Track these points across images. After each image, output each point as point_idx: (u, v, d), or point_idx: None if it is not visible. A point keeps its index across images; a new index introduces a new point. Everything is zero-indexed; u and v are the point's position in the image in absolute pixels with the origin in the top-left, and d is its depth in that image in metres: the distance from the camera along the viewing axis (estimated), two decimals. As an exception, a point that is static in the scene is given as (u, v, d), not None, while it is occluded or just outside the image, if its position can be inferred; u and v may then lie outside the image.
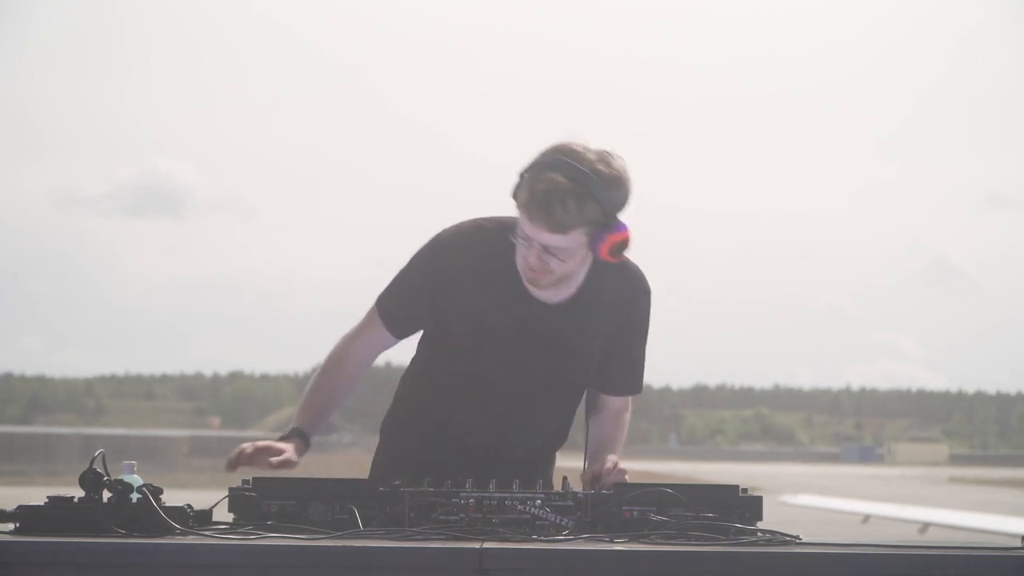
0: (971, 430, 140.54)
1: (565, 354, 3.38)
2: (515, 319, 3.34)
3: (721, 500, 2.84)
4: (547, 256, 3.21)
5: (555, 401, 3.44)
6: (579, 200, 3.14)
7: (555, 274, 3.25)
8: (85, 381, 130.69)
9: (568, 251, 3.21)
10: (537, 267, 3.23)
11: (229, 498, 2.88)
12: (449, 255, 3.36)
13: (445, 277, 3.36)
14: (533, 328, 3.35)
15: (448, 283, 3.35)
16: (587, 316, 3.37)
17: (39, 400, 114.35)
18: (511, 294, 3.33)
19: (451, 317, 3.37)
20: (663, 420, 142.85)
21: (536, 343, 3.36)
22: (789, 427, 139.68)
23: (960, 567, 2.54)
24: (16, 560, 2.52)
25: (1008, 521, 16.88)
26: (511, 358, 3.36)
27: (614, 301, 3.39)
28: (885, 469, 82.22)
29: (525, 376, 3.37)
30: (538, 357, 3.36)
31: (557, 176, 3.14)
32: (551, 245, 3.19)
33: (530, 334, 3.35)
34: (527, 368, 3.37)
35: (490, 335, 3.35)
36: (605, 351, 3.42)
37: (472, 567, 2.51)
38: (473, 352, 3.37)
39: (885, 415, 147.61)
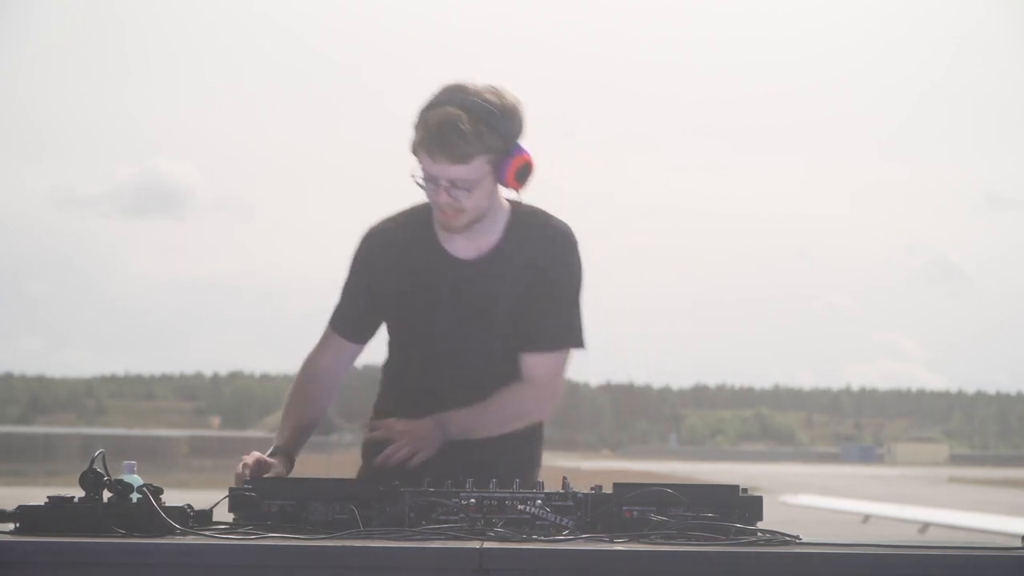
0: (971, 430, 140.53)
1: (490, 309, 3.39)
2: (440, 284, 3.39)
3: (721, 500, 2.84)
4: (456, 192, 3.25)
5: (486, 357, 3.42)
6: (475, 126, 3.20)
7: (467, 212, 3.29)
8: (85, 381, 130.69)
9: (474, 182, 3.24)
10: (448, 206, 3.27)
11: (229, 498, 2.88)
12: (371, 248, 3.46)
13: (374, 269, 3.45)
14: (459, 288, 3.39)
15: (378, 273, 3.44)
16: (506, 269, 3.38)
17: (39, 400, 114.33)
18: (432, 261, 3.39)
19: (389, 301, 3.44)
20: (663, 420, 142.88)
21: (463, 302, 3.39)
22: (789, 427, 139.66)
23: (960, 567, 2.54)
24: (16, 560, 2.52)
25: (1008, 521, 16.89)
26: (447, 322, 3.40)
27: (534, 255, 3.38)
28: (885, 469, 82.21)
29: (463, 338, 3.40)
30: (468, 316, 3.39)
31: (450, 108, 3.21)
32: (457, 178, 3.23)
33: (457, 295, 3.39)
34: (463, 329, 3.40)
35: (423, 306, 3.41)
36: (524, 306, 3.39)
37: (472, 567, 2.51)
38: (414, 326, 3.43)
39: (885, 415, 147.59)
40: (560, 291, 3.41)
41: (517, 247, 3.39)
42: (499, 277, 3.38)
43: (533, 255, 3.38)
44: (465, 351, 3.41)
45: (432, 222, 3.41)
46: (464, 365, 3.41)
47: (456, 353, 3.41)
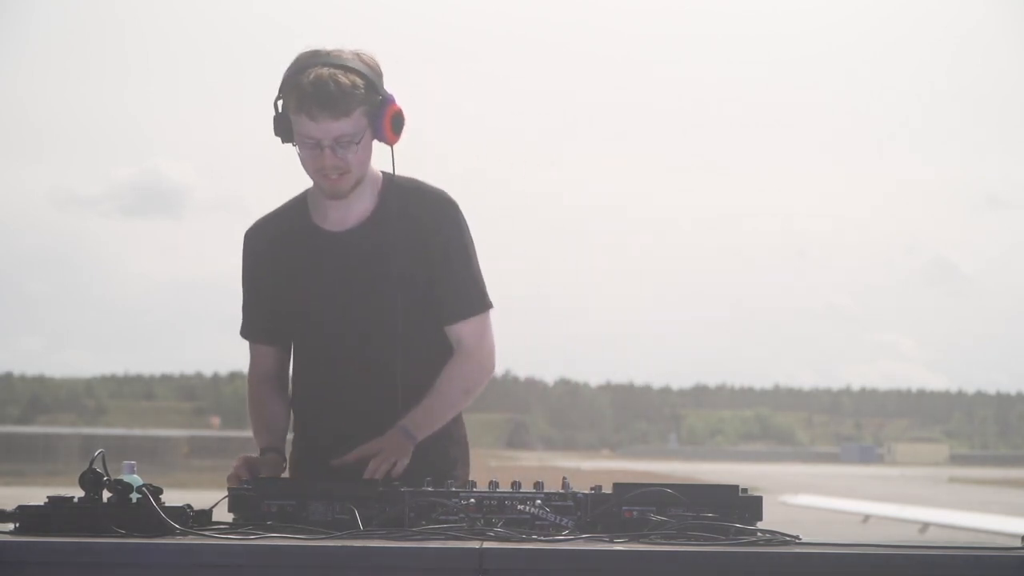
0: (971, 430, 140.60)
1: (379, 280, 3.36)
2: (321, 261, 3.38)
3: (721, 500, 2.84)
4: (340, 151, 3.25)
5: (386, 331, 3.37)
6: (348, 77, 3.22)
7: (352, 172, 3.29)
8: (85, 381, 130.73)
9: (355, 136, 3.24)
10: (333, 168, 3.26)
11: (229, 498, 2.88)
12: (251, 247, 3.47)
13: (257, 266, 3.45)
14: (340, 263, 3.37)
15: (261, 269, 3.44)
16: (386, 235, 3.36)
17: (39, 400, 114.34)
18: (308, 240, 3.39)
19: (278, 294, 3.43)
20: (663, 420, 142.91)
21: (349, 276, 3.37)
22: (789, 427, 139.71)
23: (960, 567, 2.54)
24: (16, 560, 2.52)
25: (1008, 521, 16.90)
26: (334, 300, 3.38)
27: (416, 219, 3.37)
28: (885, 469, 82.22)
29: (351, 314, 3.37)
30: (360, 291, 3.37)
31: (318, 68, 3.22)
32: (341, 134, 3.24)
33: (340, 270, 3.38)
34: (350, 305, 3.37)
35: (310, 289, 3.39)
36: (428, 278, 3.37)
37: (472, 567, 2.51)
38: (306, 312, 3.41)
39: (885, 415, 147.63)
40: (459, 254, 3.40)
41: (394, 213, 3.37)
42: (381, 245, 3.36)
43: (415, 219, 3.37)
44: (364, 327, 3.37)
45: (305, 205, 3.42)
46: (366, 342, 3.37)
47: (356, 331, 3.37)
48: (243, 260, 3.49)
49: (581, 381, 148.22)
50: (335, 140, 3.24)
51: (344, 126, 3.23)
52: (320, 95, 3.19)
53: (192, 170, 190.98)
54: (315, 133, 3.23)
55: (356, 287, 3.37)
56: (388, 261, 3.36)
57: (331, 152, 3.25)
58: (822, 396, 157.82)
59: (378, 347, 3.36)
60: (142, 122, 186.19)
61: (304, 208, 3.43)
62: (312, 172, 3.30)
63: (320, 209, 3.40)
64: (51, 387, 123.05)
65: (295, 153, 3.29)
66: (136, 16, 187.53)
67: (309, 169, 3.30)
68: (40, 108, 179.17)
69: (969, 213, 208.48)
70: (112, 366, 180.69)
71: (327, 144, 3.24)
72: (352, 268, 3.37)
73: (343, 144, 3.24)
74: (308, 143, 3.25)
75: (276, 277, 3.43)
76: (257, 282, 3.46)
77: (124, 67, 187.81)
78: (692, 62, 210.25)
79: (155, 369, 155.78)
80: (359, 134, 3.25)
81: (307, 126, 3.22)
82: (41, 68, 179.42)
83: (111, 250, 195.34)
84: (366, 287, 3.36)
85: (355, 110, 3.22)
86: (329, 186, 3.30)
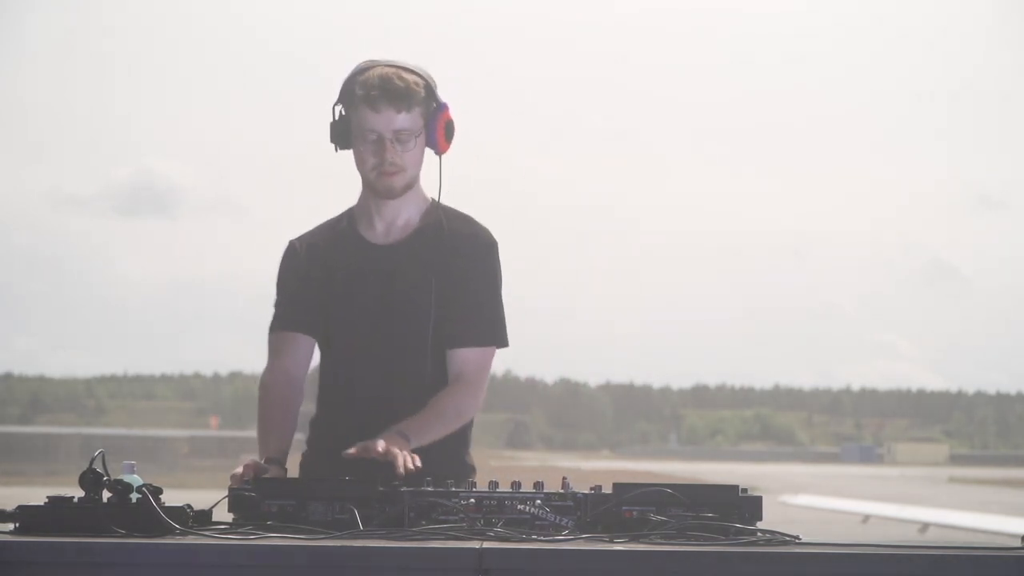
0: (971, 430, 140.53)
1: (416, 294, 3.44)
2: (361, 269, 3.46)
3: (721, 500, 2.84)
4: (398, 145, 3.37)
5: (417, 340, 3.44)
6: (411, 76, 3.38)
7: (407, 171, 3.41)
8: (85, 381, 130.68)
9: (413, 133, 3.37)
10: (391, 162, 3.38)
11: (229, 498, 2.88)
12: (296, 252, 3.54)
13: (303, 267, 3.51)
14: (378, 271, 3.45)
15: (307, 269, 3.50)
16: (428, 254, 3.45)
17: (39, 400, 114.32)
18: (352, 250, 3.48)
19: (322, 292, 3.49)
20: (663, 420, 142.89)
21: (388, 288, 3.45)
22: (789, 427, 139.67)
23: (960, 567, 2.54)
24: (16, 560, 2.52)
25: (1008, 521, 16.91)
26: (370, 308, 3.45)
27: (453, 246, 3.46)
28: (885, 469, 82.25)
29: (385, 323, 3.45)
30: (389, 300, 3.44)
31: (383, 67, 3.39)
32: (401, 128, 3.37)
33: (377, 280, 3.46)
34: (385, 315, 3.45)
35: (349, 295, 3.46)
36: (446, 298, 3.44)
37: (472, 567, 2.51)
38: (343, 317, 3.47)
39: (885, 415, 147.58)
40: (488, 287, 3.49)
41: (437, 233, 3.47)
42: (421, 261, 3.45)
43: (457, 245, 3.46)
44: (396, 334, 3.44)
45: (352, 218, 3.51)
46: (396, 349, 3.44)
47: (387, 336, 3.44)
48: (285, 262, 3.56)
49: (581, 381, 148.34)
50: (395, 134, 3.37)
51: (404, 120, 3.37)
52: (386, 87, 3.35)
53: (187, 170, 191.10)
54: (377, 125, 3.36)
55: (392, 296, 3.45)
56: (425, 276, 3.43)
57: (391, 146, 3.37)
58: (822, 396, 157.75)
59: (397, 357, 3.44)
60: (137, 122, 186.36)
61: (351, 220, 3.53)
62: (368, 169, 3.42)
63: (366, 220, 3.51)
64: (51, 387, 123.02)
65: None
66: (131, 17, 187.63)
67: (366, 166, 3.42)
68: (35, 109, 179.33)
69: (963, 214, 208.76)
70: (112, 366, 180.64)
71: (388, 137, 3.36)
72: (390, 278, 3.45)
73: (402, 140, 3.38)
74: (369, 136, 3.38)
75: (318, 277, 3.50)
76: (300, 279, 3.51)
77: (119, 68, 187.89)
78: (691, 63, 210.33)
79: (155, 369, 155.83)
80: (417, 132, 3.38)
81: (370, 119, 3.36)
82: (36, 69, 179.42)
83: (107, 250, 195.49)
84: (401, 296, 3.44)
85: (416, 107, 3.38)
86: (384, 183, 3.42)
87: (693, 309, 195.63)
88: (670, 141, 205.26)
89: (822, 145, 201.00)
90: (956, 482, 55.14)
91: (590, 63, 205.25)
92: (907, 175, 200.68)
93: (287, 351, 3.51)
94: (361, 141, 3.40)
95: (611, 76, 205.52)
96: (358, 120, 3.38)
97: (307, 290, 3.51)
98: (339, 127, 3.43)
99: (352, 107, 3.40)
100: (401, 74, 3.37)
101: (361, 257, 3.48)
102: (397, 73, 3.37)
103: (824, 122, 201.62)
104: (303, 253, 3.54)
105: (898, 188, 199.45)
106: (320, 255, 3.52)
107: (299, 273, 3.52)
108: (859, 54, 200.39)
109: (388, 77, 3.36)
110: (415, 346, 3.45)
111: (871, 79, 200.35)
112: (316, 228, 3.59)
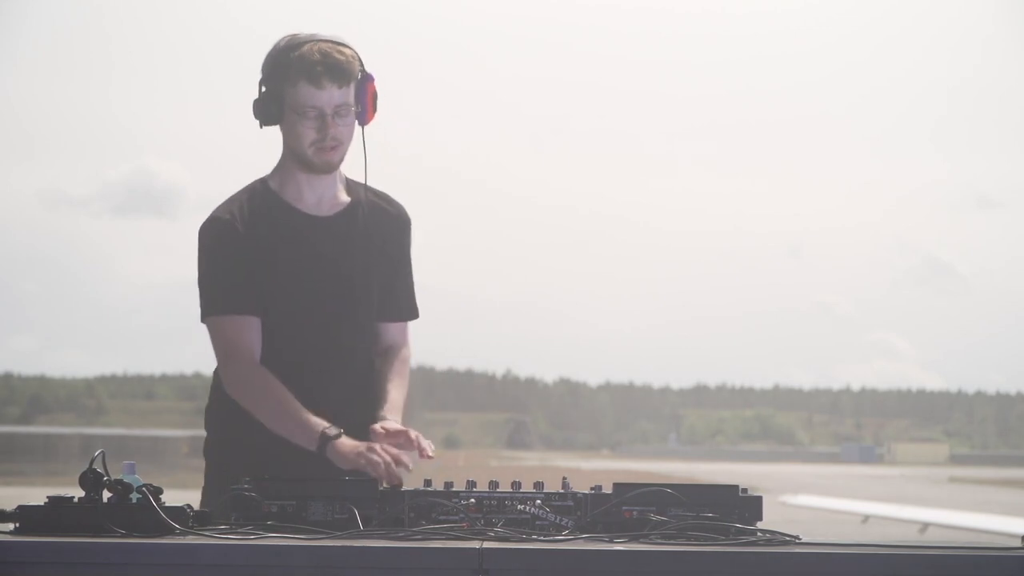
0: (971, 430, 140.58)
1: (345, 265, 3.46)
2: (298, 239, 3.44)
3: (721, 500, 2.84)
4: (338, 120, 3.37)
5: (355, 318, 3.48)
6: (348, 50, 3.38)
7: (343, 144, 3.42)
8: (85, 381, 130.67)
9: (351, 107, 3.38)
10: (333, 137, 3.37)
11: (229, 498, 2.87)
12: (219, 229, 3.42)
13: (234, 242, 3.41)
14: (316, 245, 3.45)
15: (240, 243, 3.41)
16: (359, 229, 3.48)
17: (39, 400, 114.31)
18: (285, 219, 3.44)
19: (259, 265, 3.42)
20: (663, 420, 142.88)
21: (325, 260, 3.45)
22: (789, 427, 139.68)
23: (960, 567, 2.54)
24: (16, 560, 2.52)
25: (1008, 521, 16.89)
26: (308, 280, 3.44)
27: (383, 221, 3.52)
28: (885, 469, 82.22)
29: (323, 296, 3.45)
30: (327, 274, 3.45)
31: (319, 43, 3.37)
32: (342, 103, 3.38)
33: (315, 251, 3.45)
34: (323, 288, 3.45)
35: (287, 265, 3.43)
36: (381, 276, 3.52)
37: (472, 567, 2.50)
38: (281, 287, 3.43)
39: (885, 415, 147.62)
40: (408, 264, 3.61)
41: (366, 210, 3.50)
42: (354, 237, 3.48)
43: (383, 222, 3.52)
44: (335, 311, 3.46)
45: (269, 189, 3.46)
46: (336, 325, 3.46)
47: (326, 313, 3.45)
48: (209, 243, 3.42)
49: (581, 381, 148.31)
50: (335, 110, 3.36)
51: (347, 95, 3.38)
52: (328, 63, 3.34)
53: (183, 170, 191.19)
54: (319, 101, 3.35)
55: (329, 271, 3.45)
56: (360, 253, 3.48)
57: (332, 121, 3.37)
58: (822, 396, 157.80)
59: (346, 331, 3.47)
60: (132, 122, 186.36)
61: (268, 192, 3.47)
62: (307, 144, 3.39)
63: (293, 190, 3.47)
64: (51, 387, 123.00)
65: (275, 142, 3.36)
66: (127, 16, 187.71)
67: (304, 141, 3.39)
68: (30, 109, 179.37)
69: (958, 213, 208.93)
70: (112, 366, 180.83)
71: (329, 113, 3.36)
72: (327, 253, 3.46)
73: (341, 114, 3.38)
74: (310, 113, 3.36)
75: (253, 250, 3.42)
76: (241, 257, 3.41)
77: (114, 67, 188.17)
78: (688, 64, 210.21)
79: (155, 369, 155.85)
80: (352, 106, 3.39)
81: (312, 95, 3.35)
82: (32, 69, 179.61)
83: (104, 250, 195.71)
84: (338, 273, 3.46)
85: (353, 81, 3.39)
86: (324, 158, 3.41)
87: (693, 309, 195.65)
88: (670, 142, 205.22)
89: (821, 145, 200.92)
90: (956, 482, 55.14)
91: (584, 63, 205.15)
92: (907, 175, 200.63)
93: (245, 335, 3.39)
94: (298, 117, 3.37)
95: (605, 75, 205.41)
96: (295, 96, 3.35)
97: (250, 268, 3.41)
98: (267, 103, 3.39)
99: (285, 82, 3.35)
100: (340, 49, 3.36)
101: (295, 226, 3.44)
102: (336, 48, 3.36)
103: (825, 123, 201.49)
104: (238, 228, 3.42)
105: (895, 187, 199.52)
106: (258, 229, 3.43)
107: (240, 250, 3.41)
108: (855, 54, 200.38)
109: (328, 52, 3.34)
110: (364, 323, 3.50)
111: (869, 80, 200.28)
112: (233, 200, 3.46)
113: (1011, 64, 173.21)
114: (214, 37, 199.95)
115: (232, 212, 3.45)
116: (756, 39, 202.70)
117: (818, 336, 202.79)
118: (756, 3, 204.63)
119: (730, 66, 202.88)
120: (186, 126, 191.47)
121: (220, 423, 3.49)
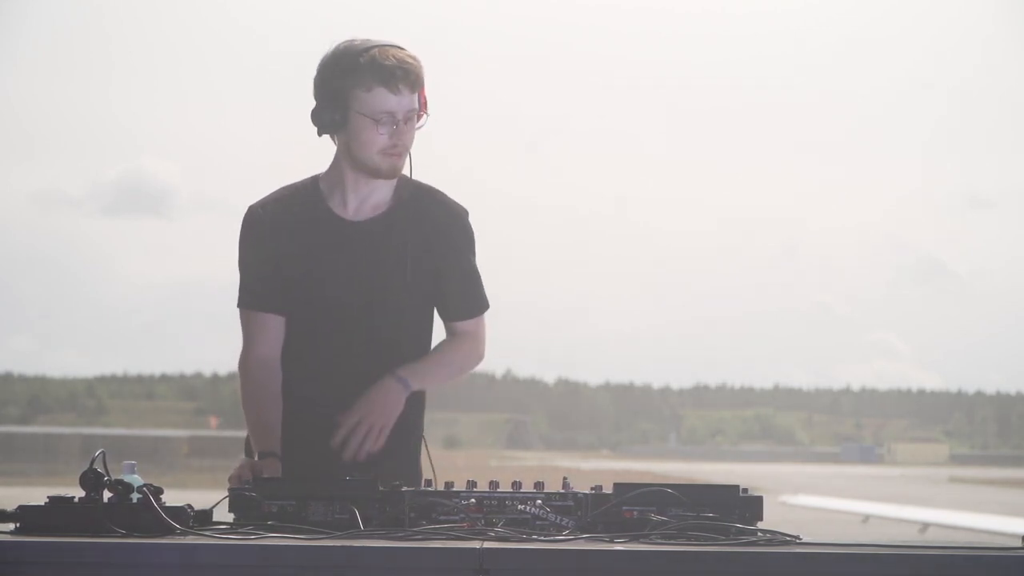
0: (971, 430, 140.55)
1: (385, 270, 3.43)
2: (334, 246, 3.43)
3: (721, 500, 2.83)
4: (407, 126, 3.35)
5: (396, 318, 3.46)
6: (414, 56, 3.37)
7: (408, 149, 3.39)
8: (85, 381, 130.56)
9: (416, 113, 3.36)
10: (403, 144, 3.36)
11: (229, 498, 2.88)
12: (260, 220, 3.46)
13: (270, 239, 3.45)
14: (352, 249, 3.43)
15: (274, 242, 3.44)
16: (399, 231, 3.44)
17: (39, 400, 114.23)
18: (324, 227, 3.44)
19: (291, 268, 3.44)
20: (663, 420, 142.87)
21: (357, 260, 3.43)
22: (789, 427, 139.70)
23: (960, 567, 2.54)
24: (16, 560, 2.52)
25: (1008, 521, 16.92)
26: (342, 278, 3.43)
27: (431, 220, 3.46)
28: (885, 469, 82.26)
29: (357, 291, 3.43)
30: (362, 271, 3.43)
31: (388, 48, 3.34)
32: (412, 108, 3.35)
33: (350, 255, 3.43)
34: (357, 283, 3.43)
35: (320, 269, 3.43)
36: (436, 276, 3.47)
37: (472, 567, 2.50)
38: (313, 287, 3.44)
39: (885, 415, 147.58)
40: (468, 259, 3.53)
41: (416, 210, 3.45)
42: (394, 237, 3.43)
43: (431, 221, 3.46)
44: (369, 302, 3.43)
45: (319, 190, 3.45)
46: (370, 317, 3.43)
47: (360, 306, 3.43)
48: (247, 232, 3.48)
49: (581, 381, 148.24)
50: (406, 115, 3.34)
51: (414, 101, 3.35)
52: (404, 68, 3.32)
53: (181, 170, 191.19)
54: (394, 107, 3.33)
55: (365, 270, 3.43)
56: (399, 252, 3.43)
57: (403, 127, 3.35)
58: (822, 396, 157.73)
59: (381, 323, 3.44)
60: (130, 122, 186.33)
61: (318, 193, 3.46)
62: (376, 149, 3.36)
63: (339, 196, 3.45)
64: (51, 387, 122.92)
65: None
66: (122, 17, 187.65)
67: (373, 147, 3.36)
68: (30, 109, 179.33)
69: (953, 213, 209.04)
70: (112, 366, 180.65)
71: (401, 118, 3.34)
72: (364, 254, 3.43)
73: (409, 120, 3.36)
74: (383, 119, 3.33)
75: (287, 252, 3.44)
76: (267, 253, 3.45)
77: (110, 67, 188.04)
78: (688, 63, 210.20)
79: (155, 369, 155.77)
80: (417, 111, 3.37)
81: (387, 100, 3.32)
82: (27, 69, 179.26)
83: (104, 250, 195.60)
84: (374, 270, 3.43)
85: (421, 87, 3.37)
86: (391, 163, 3.39)
87: (693, 309, 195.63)
88: (670, 142, 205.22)
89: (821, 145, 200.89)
90: (956, 482, 55.16)
91: (581, 61, 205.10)
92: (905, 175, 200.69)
93: (263, 332, 3.46)
94: (368, 122, 3.33)
95: (602, 74, 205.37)
96: (369, 100, 3.32)
97: (276, 265, 3.44)
98: (331, 108, 3.34)
99: (358, 86, 3.31)
100: (409, 54, 3.34)
101: (333, 233, 3.43)
102: (406, 53, 3.34)
103: (824, 123, 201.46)
104: (267, 223, 3.45)
105: (894, 187, 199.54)
106: (288, 227, 3.44)
107: (265, 244, 3.45)
108: (852, 53, 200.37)
109: (403, 58, 3.32)
110: (386, 313, 3.45)
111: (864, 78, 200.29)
112: (278, 194, 3.49)
113: (1008, 65, 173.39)
114: (210, 39, 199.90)
115: (266, 204, 3.48)
116: (755, 39, 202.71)
117: (817, 336, 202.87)
118: (756, 3, 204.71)
119: (730, 66, 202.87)
120: (185, 126, 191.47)
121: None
